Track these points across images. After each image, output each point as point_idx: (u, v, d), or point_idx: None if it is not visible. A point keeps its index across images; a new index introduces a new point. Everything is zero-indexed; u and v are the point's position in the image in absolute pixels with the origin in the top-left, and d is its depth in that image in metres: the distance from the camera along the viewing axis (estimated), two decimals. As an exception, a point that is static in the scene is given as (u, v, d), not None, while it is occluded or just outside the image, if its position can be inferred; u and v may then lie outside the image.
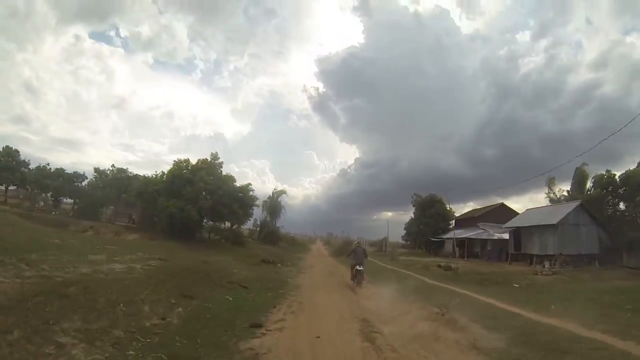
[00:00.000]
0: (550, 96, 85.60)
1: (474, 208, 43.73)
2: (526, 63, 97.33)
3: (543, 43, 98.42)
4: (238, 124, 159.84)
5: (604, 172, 25.05)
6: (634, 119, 15.42)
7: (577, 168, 26.94)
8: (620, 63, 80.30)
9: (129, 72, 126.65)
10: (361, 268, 12.35)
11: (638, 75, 77.59)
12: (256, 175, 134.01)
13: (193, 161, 25.04)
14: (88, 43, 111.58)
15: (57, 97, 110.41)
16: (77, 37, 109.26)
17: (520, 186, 57.80)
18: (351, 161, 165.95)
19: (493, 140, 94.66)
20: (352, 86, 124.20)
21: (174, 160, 25.02)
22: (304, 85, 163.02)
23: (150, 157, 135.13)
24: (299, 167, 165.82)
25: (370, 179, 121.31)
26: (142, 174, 32.12)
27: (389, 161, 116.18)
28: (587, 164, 26.73)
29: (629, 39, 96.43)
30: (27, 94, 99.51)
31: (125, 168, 35.06)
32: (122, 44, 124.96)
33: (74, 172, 35.88)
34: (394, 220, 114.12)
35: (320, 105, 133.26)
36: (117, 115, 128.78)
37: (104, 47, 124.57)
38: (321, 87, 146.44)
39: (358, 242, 16.57)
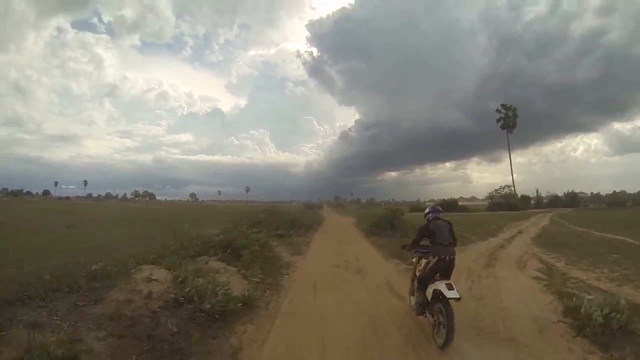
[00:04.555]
0: (554, 45, 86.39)
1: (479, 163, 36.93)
2: (528, 12, 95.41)
3: None
4: (234, 98, 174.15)
5: None
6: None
7: None
8: (627, 7, 79.89)
9: (117, 58, 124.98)
10: (451, 291, 4.13)
11: None
12: (256, 146, 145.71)
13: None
14: (71, 34, 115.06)
15: (47, 94, 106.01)
16: (60, 29, 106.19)
17: (525, 139, 59.92)
18: (351, 123, 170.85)
19: (496, 94, 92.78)
20: (347, 48, 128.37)
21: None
22: (298, 51, 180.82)
23: (148, 141, 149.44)
24: (299, 134, 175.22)
25: (372, 140, 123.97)
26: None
27: (390, 121, 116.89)
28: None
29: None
30: (17, 94, 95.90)
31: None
32: (106, 30, 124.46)
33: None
34: (397, 181, 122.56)
35: (315, 70, 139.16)
36: (111, 103, 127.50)
37: (88, 36, 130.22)
38: (315, 52, 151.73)
39: (434, 208, 5.09)
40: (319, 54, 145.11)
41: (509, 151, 58.75)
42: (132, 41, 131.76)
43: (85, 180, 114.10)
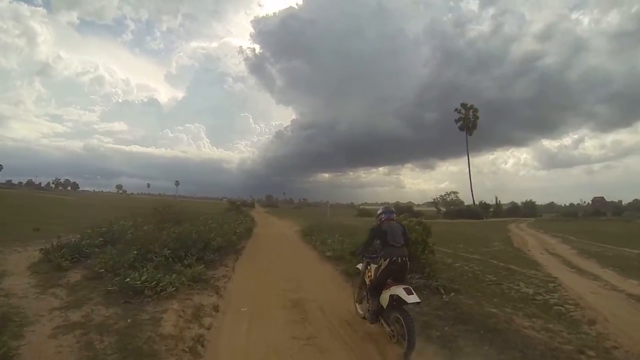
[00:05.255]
0: (494, 63, 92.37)
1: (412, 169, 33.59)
2: (472, 30, 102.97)
3: (490, 11, 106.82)
4: (172, 89, 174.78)
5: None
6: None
7: None
8: (564, 36, 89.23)
9: (52, 35, 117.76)
10: (411, 295, 3.72)
11: (579, 50, 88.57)
12: (191, 140, 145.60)
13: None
14: (4, 2, 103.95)
15: None
16: None
17: (458, 149, 57.68)
18: (288, 123, 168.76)
19: (434, 104, 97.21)
20: (290, 48, 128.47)
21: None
22: (241, 47, 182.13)
23: (80, 127, 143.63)
24: (235, 131, 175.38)
25: (308, 141, 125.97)
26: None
27: (327, 123, 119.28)
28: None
29: (574, 15, 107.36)
30: None
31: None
32: (43, 3, 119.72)
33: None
34: (330, 183, 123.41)
35: (256, 67, 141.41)
36: (41, 82, 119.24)
37: (23, 7, 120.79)
38: (258, 49, 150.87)
39: (387, 208, 4.66)
40: (261, 51, 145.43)
41: (467, 154, 54.56)
42: (70, 18, 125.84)
43: (1, 165, 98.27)
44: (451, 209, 50.21)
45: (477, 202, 52.35)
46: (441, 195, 57.17)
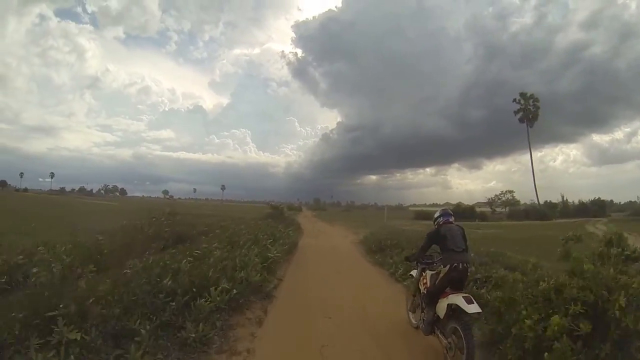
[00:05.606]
0: (539, 56, 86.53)
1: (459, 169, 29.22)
2: (514, 23, 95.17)
3: (532, 2, 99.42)
4: (217, 96, 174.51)
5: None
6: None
7: None
8: (611, 23, 79.30)
9: (100, 50, 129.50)
10: (471, 305, 3.39)
11: (628, 36, 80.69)
12: (237, 145, 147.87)
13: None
14: (54, 22, 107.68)
15: (27, 83, 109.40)
16: (42, 17, 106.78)
17: (505, 147, 50.25)
18: (333, 126, 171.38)
19: (478, 102, 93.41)
20: (331, 50, 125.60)
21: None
22: (283, 52, 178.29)
23: (129, 136, 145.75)
24: (281, 135, 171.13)
25: (354, 143, 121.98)
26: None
27: (372, 125, 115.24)
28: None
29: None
30: None
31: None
32: (90, 20, 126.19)
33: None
34: (377, 184, 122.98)
35: (299, 71, 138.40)
36: (91, 95, 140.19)
37: (71, 25, 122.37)
38: (300, 53, 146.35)
39: (445, 211, 4.31)
40: (303, 55, 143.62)
41: (530, 148, 49.69)
42: (116, 33, 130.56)
43: (52, 173, 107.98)
44: (516, 209, 46.03)
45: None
46: (496, 195, 53.36)
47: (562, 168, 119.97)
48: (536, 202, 47.52)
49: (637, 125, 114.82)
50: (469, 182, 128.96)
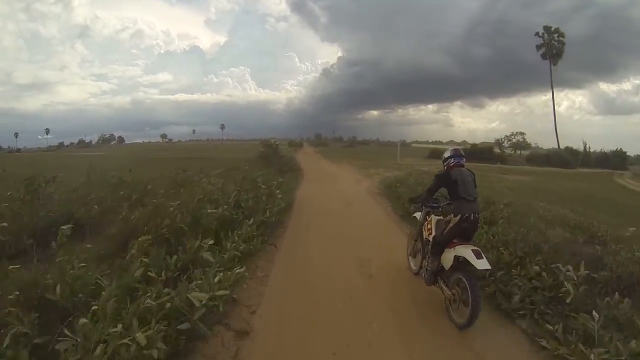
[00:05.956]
0: None
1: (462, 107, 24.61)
2: None
3: None
4: (214, 34, 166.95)
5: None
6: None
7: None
8: None
9: None
10: (480, 260, 3.14)
11: None
12: (237, 84, 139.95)
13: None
14: None
15: (14, 41, 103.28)
16: None
17: (510, 88, 44.05)
18: (334, 61, 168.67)
19: (484, 40, 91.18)
20: None
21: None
22: None
23: (125, 83, 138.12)
24: (281, 71, 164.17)
25: (355, 78, 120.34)
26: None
27: (374, 59, 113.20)
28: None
29: None
30: None
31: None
32: None
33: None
34: (379, 120, 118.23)
35: (298, 5, 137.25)
36: (83, 45, 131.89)
37: None
38: None
39: (457, 151, 3.80)
40: None
41: (552, 87, 43.81)
42: None
43: (47, 129, 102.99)
44: (537, 153, 41.96)
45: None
46: (505, 136, 50.68)
47: (566, 114, 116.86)
48: (557, 147, 42.83)
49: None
50: (471, 121, 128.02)
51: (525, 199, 9.33)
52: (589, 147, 43.90)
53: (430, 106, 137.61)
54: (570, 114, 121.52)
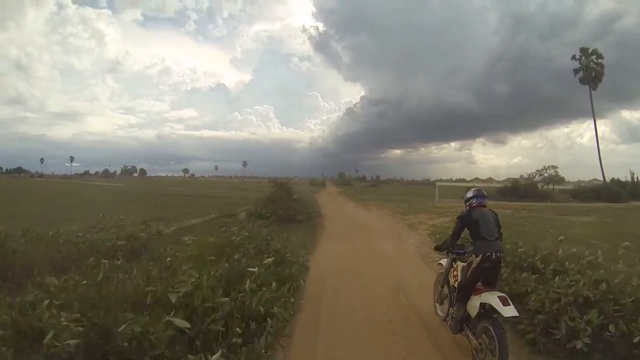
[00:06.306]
0: (567, 28, 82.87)
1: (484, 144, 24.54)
2: None
3: None
4: (239, 73, 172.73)
5: None
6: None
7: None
8: None
9: (119, 33, 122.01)
10: (507, 307, 3.00)
11: None
12: (260, 122, 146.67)
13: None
14: (72, 9, 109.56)
15: (49, 71, 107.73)
16: (60, 5, 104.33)
17: (532, 122, 41.63)
18: (357, 100, 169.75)
19: (504, 75, 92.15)
20: (353, 23, 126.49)
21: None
22: (304, 26, 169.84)
23: (152, 117, 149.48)
24: (304, 110, 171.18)
25: (378, 117, 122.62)
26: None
27: (396, 98, 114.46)
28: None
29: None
30: (18, 72, 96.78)
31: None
32: (107, 5, 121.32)
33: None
34: (401, 159, 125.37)
35: (321, 45, 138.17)
36: (113, 79, 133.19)
37: (89, 11, 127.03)
38: (321, 27, 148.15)
39: (479, 191, 3.73)
40: (324, 28, 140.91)
41: (593, 114, 39.79)
42: (134, 16, 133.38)
43: (72, 157, 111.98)
44: (583, 188, 37.51)
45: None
46: (537, 170, 47.81)
47: (590, 145, 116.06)
48: (602, 180, 38.37)
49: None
50: (493, 157, 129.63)
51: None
52: (637, 177, 38.46)
53: (452, 144, 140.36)
54: (594, 144, 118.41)
